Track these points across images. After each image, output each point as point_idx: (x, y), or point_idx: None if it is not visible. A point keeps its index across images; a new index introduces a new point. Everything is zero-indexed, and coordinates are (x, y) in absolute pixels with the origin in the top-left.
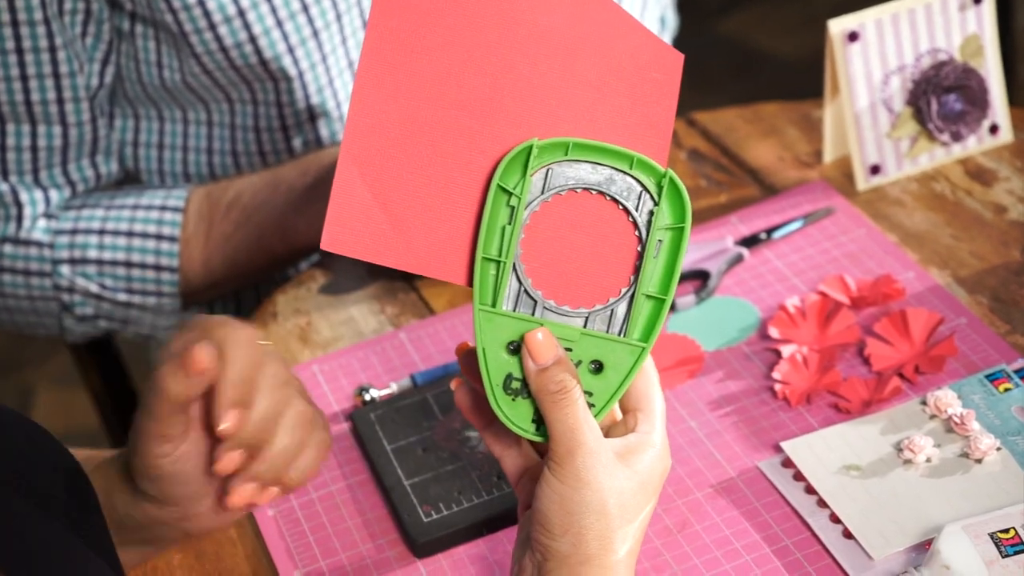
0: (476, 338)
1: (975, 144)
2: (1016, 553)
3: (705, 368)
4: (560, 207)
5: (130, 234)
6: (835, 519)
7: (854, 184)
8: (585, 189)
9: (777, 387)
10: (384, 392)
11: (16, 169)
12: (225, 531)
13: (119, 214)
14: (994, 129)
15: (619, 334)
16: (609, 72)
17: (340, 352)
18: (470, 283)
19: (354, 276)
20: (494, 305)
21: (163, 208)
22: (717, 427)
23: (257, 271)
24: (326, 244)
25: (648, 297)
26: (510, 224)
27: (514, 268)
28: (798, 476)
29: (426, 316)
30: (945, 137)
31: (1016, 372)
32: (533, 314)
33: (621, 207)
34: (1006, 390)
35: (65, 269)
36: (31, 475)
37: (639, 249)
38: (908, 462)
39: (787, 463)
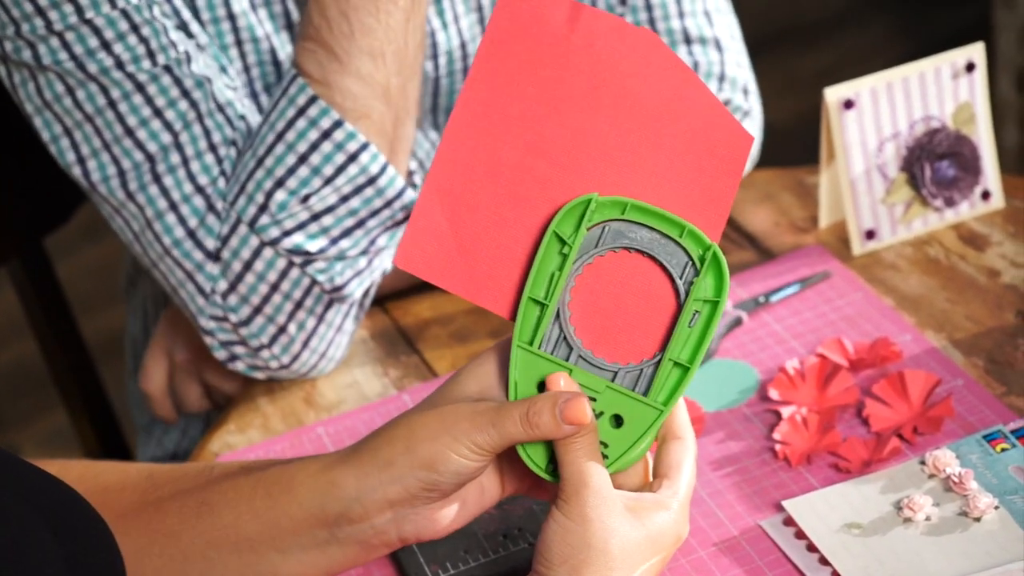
0: (510, 372)
1: (967, 210)
2: None
3: (706, 429)
4: (612, 263)
5: None
6: None
7: (850, 249)
8: (637, 250)
9: (778, 447)
10: None
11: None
12: None
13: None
14: (986, 195)
15: (643, 394)
16: (682, 142)
17: (345, 415)
18: (513, 318)
19: None
20: (531, 344)
21: None
22: (719, 487)
23: None
24: (398, 262)
25: (675, 364)
26: (559, 271)
27: (558, 314)
28: (800, 534)
29: (429, 379)
30: (938, 203)
31: (1013, 432)
32: (567, 360)
33: (667, 273)
34: (1003, 450)
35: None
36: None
37: (677, 316)
38: (908, 520)
39: (789, 522)
